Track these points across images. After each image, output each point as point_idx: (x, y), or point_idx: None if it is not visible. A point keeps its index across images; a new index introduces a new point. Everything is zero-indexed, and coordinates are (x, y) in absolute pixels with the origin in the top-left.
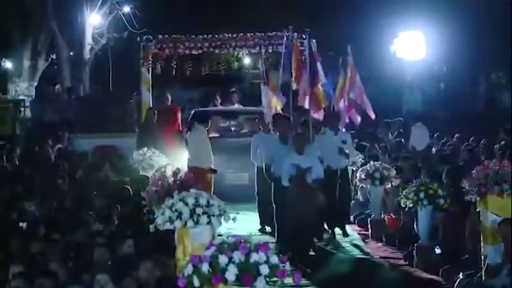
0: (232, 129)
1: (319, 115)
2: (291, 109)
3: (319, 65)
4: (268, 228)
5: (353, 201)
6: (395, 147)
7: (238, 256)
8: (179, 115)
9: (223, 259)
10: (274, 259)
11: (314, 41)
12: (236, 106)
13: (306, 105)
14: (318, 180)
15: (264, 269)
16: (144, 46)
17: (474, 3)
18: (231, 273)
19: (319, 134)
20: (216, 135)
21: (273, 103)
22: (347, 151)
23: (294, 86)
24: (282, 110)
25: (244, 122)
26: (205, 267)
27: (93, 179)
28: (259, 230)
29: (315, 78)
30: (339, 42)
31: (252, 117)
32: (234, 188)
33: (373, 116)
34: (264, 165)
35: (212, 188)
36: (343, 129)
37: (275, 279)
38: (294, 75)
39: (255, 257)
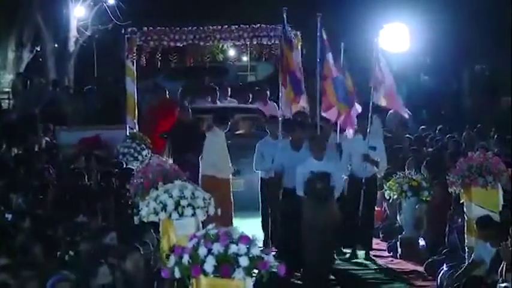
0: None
1: (330, 115)
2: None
3: (330, 55)
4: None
5: None
6: None
7: (217, 248)
8: (176, 113)
9: (202, 250)
10: (256, 251)
11: (299, 33)
12: (228, 102)
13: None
14: (337, 191)
15: (243, 261)
16: (129, 38)
17: None
18: (209, 265)
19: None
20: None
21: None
22: (376, 158)
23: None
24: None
25: (240, 122)
26: (185, 259)
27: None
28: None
29: (325, 70)
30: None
31: (248, 117)
32: None
33: (406, 116)
34: (273, 174)
35: (231, 200)
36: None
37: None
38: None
39: (233, 248)
